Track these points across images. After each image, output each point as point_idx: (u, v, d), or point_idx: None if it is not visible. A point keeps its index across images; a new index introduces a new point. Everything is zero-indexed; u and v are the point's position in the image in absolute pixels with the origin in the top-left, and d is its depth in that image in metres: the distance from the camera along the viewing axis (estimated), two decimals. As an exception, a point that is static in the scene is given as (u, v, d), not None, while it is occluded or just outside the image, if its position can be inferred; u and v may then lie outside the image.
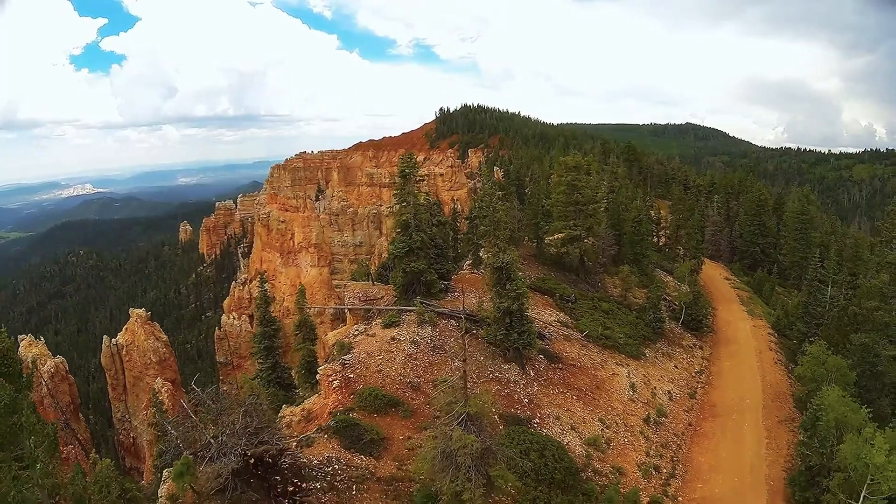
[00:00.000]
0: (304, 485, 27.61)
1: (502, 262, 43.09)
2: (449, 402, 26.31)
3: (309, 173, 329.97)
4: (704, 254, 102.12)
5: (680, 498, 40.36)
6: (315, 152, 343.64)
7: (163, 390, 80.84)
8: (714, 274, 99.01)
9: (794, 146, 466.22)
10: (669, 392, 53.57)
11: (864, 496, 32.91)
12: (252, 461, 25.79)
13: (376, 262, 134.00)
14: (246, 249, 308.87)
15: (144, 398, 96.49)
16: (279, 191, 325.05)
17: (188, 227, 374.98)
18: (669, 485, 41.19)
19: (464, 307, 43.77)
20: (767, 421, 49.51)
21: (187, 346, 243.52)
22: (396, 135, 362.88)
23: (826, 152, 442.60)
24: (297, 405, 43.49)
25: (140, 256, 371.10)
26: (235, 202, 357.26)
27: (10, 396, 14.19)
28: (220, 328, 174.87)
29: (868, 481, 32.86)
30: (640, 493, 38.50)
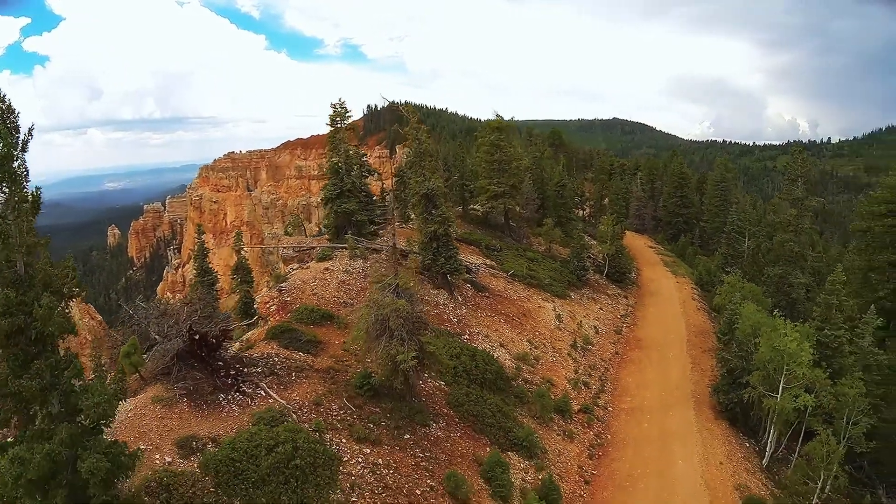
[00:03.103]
0: (245, 370, 28.08)
1: (428, 189, 43.80)
2: (380, 276, 26.90)
3: (237, 173, 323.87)
4: (630, 227, 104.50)
5: (610, 408, 41.85)
6: (243, 152, 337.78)
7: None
8: (639, 244, 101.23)
9: (720, 139, 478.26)
10: (595, 327, 55.17)
11: (783, 386, 34.65)
12: (197, 338, 26.11)
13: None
14: (176, 251, 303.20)
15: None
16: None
17: (116, 230, 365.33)
18: (599, 397, 42.73)
19: (395, 230, 44.28)
20: (692, 351, 51.64)
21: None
22: (324, 133, 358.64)
23: (751, 144, 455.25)
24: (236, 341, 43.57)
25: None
26: (164, 204, 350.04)
27: (10, 145, 15.24)
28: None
29: (784, 371, 34.63)
30: (571, 402, 39.70)
